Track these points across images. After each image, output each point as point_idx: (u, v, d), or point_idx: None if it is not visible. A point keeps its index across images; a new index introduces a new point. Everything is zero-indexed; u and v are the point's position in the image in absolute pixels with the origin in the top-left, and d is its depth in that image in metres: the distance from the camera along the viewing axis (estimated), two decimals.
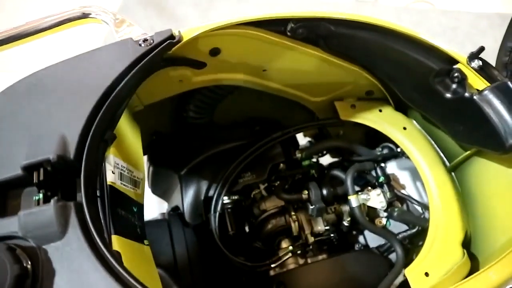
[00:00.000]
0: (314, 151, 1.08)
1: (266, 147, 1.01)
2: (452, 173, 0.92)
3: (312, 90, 0.99)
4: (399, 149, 1.00)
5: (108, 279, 0.46)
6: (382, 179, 0.96)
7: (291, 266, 0.94)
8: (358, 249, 1.01)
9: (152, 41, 0.65)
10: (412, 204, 0.96)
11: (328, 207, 0.98)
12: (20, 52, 0.76)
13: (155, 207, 1.32)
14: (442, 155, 0.94)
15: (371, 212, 0.97)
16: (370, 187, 0.96)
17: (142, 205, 0.74)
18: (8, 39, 0.69)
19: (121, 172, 0.67)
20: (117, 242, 0.58)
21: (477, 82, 0.75)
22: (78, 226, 0.49)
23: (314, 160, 1.13)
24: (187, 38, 0.68)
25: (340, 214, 0.99)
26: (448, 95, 0.77)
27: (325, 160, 1.17)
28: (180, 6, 2.45)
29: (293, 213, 0.97)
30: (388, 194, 0.94)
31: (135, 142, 0.77)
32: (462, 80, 0.75)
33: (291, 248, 0.94)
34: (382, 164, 1.01)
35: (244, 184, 1.01)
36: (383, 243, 0.97)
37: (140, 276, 0.49)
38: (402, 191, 0.98)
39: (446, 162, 0.93)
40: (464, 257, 0.77)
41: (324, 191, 0.95)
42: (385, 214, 0.95)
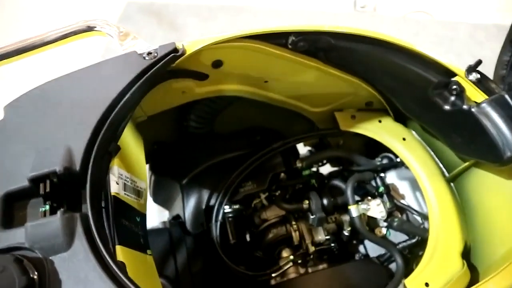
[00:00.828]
0: (314, 160, 1.09)
1: (267, 157, 1.02)
2: (451, 183, 0.93)
3: (312, 101, 1.00)
4: (398, 159, 1.01)
5: None
6: (381, 189, 0.97)
7: (292, 276, 0.95)
8: (358, 258, 1.02)
9: (156, 54, 0.66)
10: (412, 214, 0.97)
11: (328, 217, 0.98)
12: (24, 65, 0.77)
13: (156, 216, 1.32)
14: (441, 165, 0.95)
15: (371, 222, 0.98)
16: (370, 197, 0.97)
17: (145, 215, 0.74)
18: (14, 52, 0.70)
19: (124, 183, 0.68)
20: (121, 252, 0.59)
21: (475, 94, 0.76)
22: (84, 237, 0.50)
23: (314, 169, 1.14)
24: (191, 51, 0.69)
25: (340, 223, 1.00)
26: (447, 107, 0.78)
27: (325, 170, 1.18)
28: (181, 15, 2.47)
29: (293, 222, 0.98)
30: (388, 204, 0.95)
31: (138, 153, 0.78)
32: (460, 92, 0.76)
33: (292, 257, 0.95)
34: (382, 174, 1.02)
35: (245, 194, 1.02)
36: (383, 252, 0.98)
37: (144, 286, 0.49)
38: (402, 201, 0.99)
39: (445, 173, 0.94)
40: (464, 267, 0.77)
41: (324, 201, 0.96)
42: (385, 224, 0.96)
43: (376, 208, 0.95)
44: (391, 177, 1.04)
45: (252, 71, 0.85)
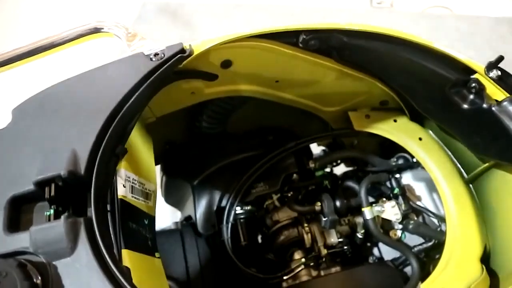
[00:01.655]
0: (328, 161, 1.07)
1: (280, 157, 1.01)
2: (470, 185, 0.89)
3: (325, 101, 0.98)
4: (414, 159, 0.98)
5: None
6: (397, 190, 0.94)
7: (304, 278, 0.93)
8: (372, 262, 1.00)
9: (163, 55, 0.65)
10: (428, 216, 0.94)
11: (341, 219, 0.96)
12: (31, 67, 0.77)
13: (169, 216, 1.32)
14: (459, 166, 0.92)
15: (386, 224, 0.95)
16: (384, 199, 0.95)
17: (153, 217, 0.74)
18: (23, 55, 0.70)
19: (132, 185, 0.67)
20: (127, 257, 0.58)
21: (495, 92, 0.73)
22: (87, 242, 0.49)
23: (328, 170, 1.11)
24: (198, 51, 0.68)
25: (353, 226, 0.97)
26: (465, 106, 0.75)
27: (339, 170, 1.16)
28: (196, 14, 2.47)
29: (306, 224, 0.96)
30: (403, 206, 0.92)
31: (147, 154, 0.78)
32: (480, 90, 0.73)
33: (304, 260, 0.93)
34: (397, 175, 0.99)
35: (257, 195, 1.00)
36: (398, 256, 0.95)
37: None
38: (418, 202, 0.96)
39: (464, 174, 0.91)
40: (483, 273, 0.74)
41: (337, 203, 0.94)
42: (400, 227, 0.94)
43: (391, 210, 0.93)
44: (406, 178, 1.01)
45: (263, 71, 0.84)
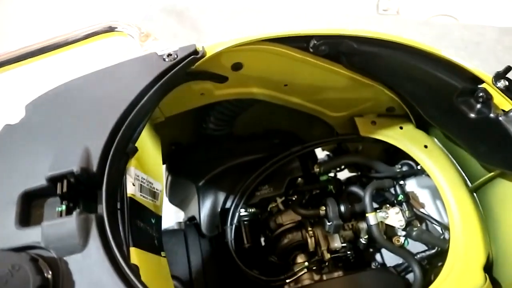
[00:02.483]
0: (332, 166, 1.07)
1: (285, 160, 1.01)
2: (474, 193, 0.90)
3: (332, 106, 0.99)
4: (419, 166, 0.98)
5: None
6: (401, 197, 0.95)
7: (306, 282, 0.93)
8: (374, 267, 1.00)
9: (176, 56, 0.66)
10: (432, 223, 0.94)
11: (345, 224, 0.97)
12: (42, 65, 0.78)
13: (172, 216, 1.33)
14: (463, 175, 0.92)
15: (389, 230, 0.96)
16: (388, 205, 0.95)
17: (160, 216, 0.74)
18: (37, 51, 0.71)
19: (141, 184, 0.68)
20: (135, 255, 0.59)
21: (503, 102, 0.73)
22: (98, 239, 0.49)
23: (332, 174, 1.12)
24: (211, 53, 0.69)
25: (357, 231, 0.98)
26: (472, 115, 0.76)
27: (342, 175, 1.16)
28: (202, 16, 2.48)
29: (309, 228, 0.96)
30: (407, 213, 0.93)
31: (155, 154, 0.78)
32: (487, 100, 0.74)
33: (307, 264, 0.94)
34: (401, 182, 1.00)
35: (261, 197, 1.00)
36: (400, 262, 0.96)
37: None
38: (422, 210, 0.96)
39: (468, 182, 0.91)
40: (486, 282, 0.75)
41: (342, 208, 0.94)
42: (403, 233, 0.94)
43: (394, 217, 0.93)
44: (410, 185, 1.02)
45: (272, 75, 0.84)
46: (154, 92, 0.61)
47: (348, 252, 0.97)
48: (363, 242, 0.96)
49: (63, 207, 0.52)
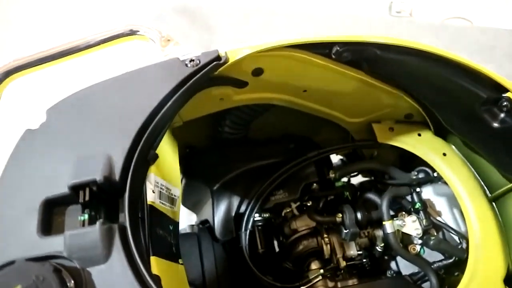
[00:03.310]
0: (348, 171, 1.06)
1: (301, 166, 1.00)
2: (493, 203, 0.88)
3: (350, 111, 0.98)
4: (435, 173, 0.97)
5: None
6: (418, 205, 0.93)
7: None
8: (390, 275, 0.98)
9: (198, 61, 0.65)
10: (449, 232, 0.93)
11: (361, 231, 0.95)
12: (62, 68, 0.77)
13: (184, 219, 1.32)
14: (482, 184, 0.91)
15: (405, 238, 0.94)
16: (405, 213, 0.94)
17: (177, 222, 0.74)
18: (58, 55, 0.70)
19: (160, 191, 0.67)
20: (155, 264, 0.58)
21: None
22: (122, 250, 0.49)
23: (346, 179, 1.11)
24: (234, 59, 0.68)
25: (373, 238, 0.96)
26: (496, 124, 0.75)
27: (356, 179, 1.15)
28: (214, 16, 2.46)
29: (325, 235, 0.95)
30: (424, 221, 0.91)
31: (173, 159, 0.78)
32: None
33: (322, 271, 0.93)
34: (418, 189, 0.98)
35: (276, 202, 1.00)
36: (416, 271, 0.94)
37: None
38: (439, 218, 0.95)
39: (487, 192, 0.90)
40: None
41: (358, 215, 0.93)
42: (419, 242, 0.93)
43: (411, 225, 0.92)
44: (427, 192, 1.00)
45: (292, 80, 0.83)
46: (176, 98, 0.61)
47: (364, 260, 0.96)
48: (379, 250, 0.95)
49: (86, 216, 0.52)
